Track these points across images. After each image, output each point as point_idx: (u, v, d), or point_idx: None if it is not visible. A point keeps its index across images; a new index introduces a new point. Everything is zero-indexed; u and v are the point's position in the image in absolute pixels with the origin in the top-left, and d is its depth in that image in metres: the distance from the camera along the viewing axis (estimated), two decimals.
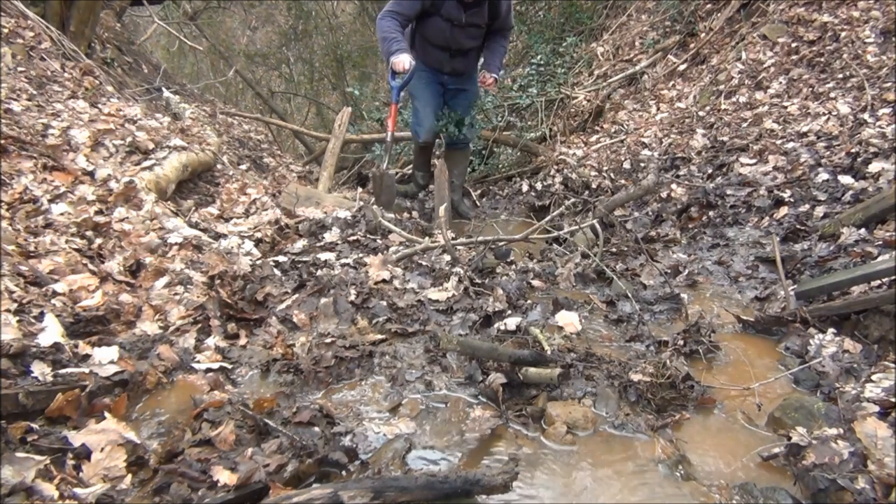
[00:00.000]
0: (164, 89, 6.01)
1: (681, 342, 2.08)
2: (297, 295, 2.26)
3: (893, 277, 2.10)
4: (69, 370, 1.61)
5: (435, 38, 4.08)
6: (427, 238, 3.00)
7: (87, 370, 1.62)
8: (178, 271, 2.26)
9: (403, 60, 3.81)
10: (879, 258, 2.35)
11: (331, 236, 2.92)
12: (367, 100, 9.09)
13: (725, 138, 4.53)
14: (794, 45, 5.24)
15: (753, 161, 3.97)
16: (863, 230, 2.64)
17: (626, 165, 4.94)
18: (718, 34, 6.30)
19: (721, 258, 2.89)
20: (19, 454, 1.26)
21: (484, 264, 2.71)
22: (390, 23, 3.88)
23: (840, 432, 1.51)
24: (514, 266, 2.84)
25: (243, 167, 5.19)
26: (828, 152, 3.66)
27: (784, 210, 3.19)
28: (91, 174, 2.79)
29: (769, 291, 2.51)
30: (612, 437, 1.66)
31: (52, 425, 1.45)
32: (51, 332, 1.72)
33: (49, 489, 1.21)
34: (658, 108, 6.03)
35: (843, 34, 4.91)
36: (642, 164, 4.79)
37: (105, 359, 1.70)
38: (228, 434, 1.47)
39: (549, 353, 1.87)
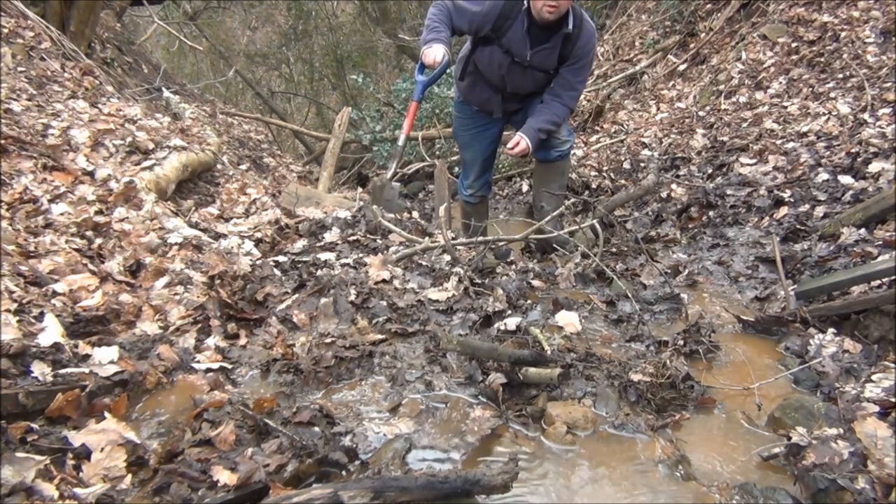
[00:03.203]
0: (164, 89, 6.02)
1: (681, 342, 2.08)
2: (297, 295, 2.26)
3: (893, 277, 2.10)
4: (69, 370, 1.61)
5: (488, 73, 3.24)
6: (427, 238, 3.00)
7: (87, 370, 1.62)
8: (178, 271, 2.26)
9: (436, 53, 3.04)
10: (879, 258, 2.35)
11: (331, 236, 2.92)
12: (368, 95, 9.04)
13: (725, 138, 4.54)
14: (794, 45, 5.24)
15: (753, 161, 3.97)
16: (863, 230, 2.64)
17: (626, 165, 4.94)
18: (718, 34, 6.30)
19: (721, 258, 2.89)
20: (19, 454, 1.25)
21: (484, 264, 2.71)
22: (437, 11, 3.14)
23: (840, 432, 1.51)
24: (514, 266, 2.84)
25: (243, 167, 5.19)
26: (828, 152, 3.66)
27: (784, 210, 3.19)
28: (91, 174, 2.79)
29: (769, 291, 2.51)
30: (612, 437, 1.66)
31: (52, 425, 1.45)
32: (51, 332, 1.72)
33: (49, 489, 1.21)
34: (658, 108, 6.04)
35: (843, 34, 4.91)
36: (642, 164, 4.79)
37: (105, 359, 1.70)
38: (228, 434, 1.47)
39: (549, 353, 1.87)
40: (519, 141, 3.14)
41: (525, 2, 2.97)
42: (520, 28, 3.02)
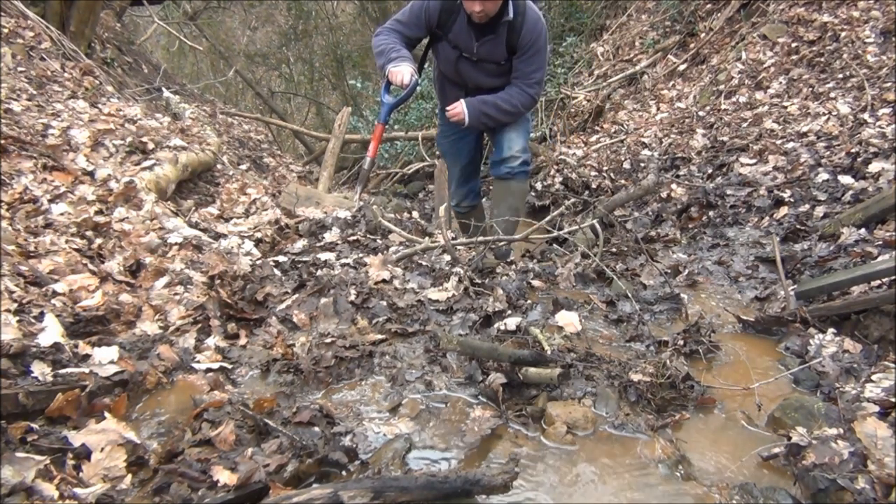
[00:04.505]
0: (164, 89, 6.01)
1: (681, 342, 2.08)
2: (297, 295, 2.26)
3: (893, 277, 2.10)
4: (69, 370, 1.61)
5: (445, 70, 3.29)
6: (427, 238, 3.00)
7: (87, 370, 1.62)
8: (178, 271, 2.26)
9: (403, 72, 2.98)
10: (879, 258, 2.35)
11: (331, 236, 2.92)
12: (368, 96, 9.05)
13: (725, 138, 4.54)
14: (794, 45, 5.25)
15: (753, 161, 3.98)
16: (863, 230, 2.64)
17: (626, 165, 4.95)
18: (718, 34, 6.30)
19: (721, 258, 2.89)
20: (19, 454, 1.25)
21: (484, 264, 2.71)
22: (387, 36, 3.13)
23: (840, 432, 1.51)
24: (514, 266, 2.84)
25: (243, 167, 5.19)
26: (828, 152, 3.66)
27: (784, 210, 3.19)
28: (91, 174, 2.79)
29: (769, 291, 2.51)
30: (612, 437, 1.66)
31: (52, 425, 1.45)
32: (51, 332, 1.72)
33: (49, 489, 1.21)
34: (658, 108, 6.04)
35: (843, 34, 4.92)
36: (642, 164, 4.79)
37: (105, 359, 1.70)
38: (228, 434, 1.47)
39: (549, 353, 1.87)
40: (456, 105, 3.14)
41: None
42: (462, 22, 2.99)
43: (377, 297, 2.27)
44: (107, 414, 1.49)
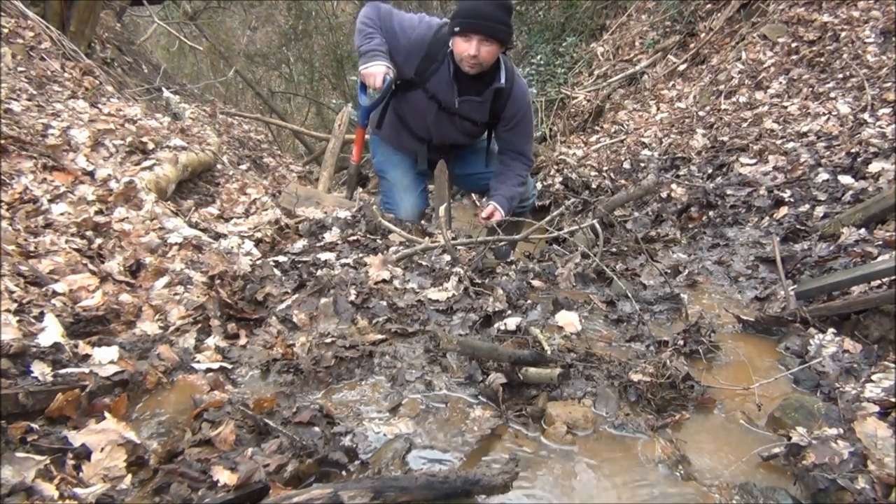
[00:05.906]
0: (164, 89, 6.01)
1: (681, 342, 2.08)
2: (297, 295, 2.26)
3: (893, 277, 2.10)
4: (69, 370, 1.61)
5: (412, 122, 2.98)
6: (427, 238, 3.00)
7: (87, 370, 1.62)
8: (178, 271, 2.26)
9: (376, 74, 2.79)
10: (879, 258, 2.35)
11: (331, 236, 2.92)
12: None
13: (725, 138, 4.54)
14: (794, 45, 5.25)
15: (753, 161, 3.98)
16: (863, 230, 2.64)
17: (626, 165, 4.95)
18: (718, 34, 6.30)
19: (721, 258, 2.89)
20: (19, 454, 1.25)
21: (484, 264, 2.71)
22: (373, 16, 2.86)
23: (840, 432, 1.51)
24: (514, 266, 2.84)
25: (243, 167, 5.19)
26: (828, 152, 3.66)
27: (784, 210, 3.19)
28: (91, 174, 2.79)
29: (769, 291, 2.51)
30: (612, 437, 1.66)
31: (52, 425, 1.45)
32: (51, 332, 1.72)
33: (49, 489, 1.21)
34: (658, 108, 6.04)
35: (843, 34, 4.91)
36: (642, 164, 4.79)
37: (105, 359, 1.69)
38: (228, 434, 1.47)
39: (549, 353, 1.87)
40: (493, 211, 3.07)
41: (449, 44, 2.73)
42: (446, 73, 2.76)
43: (377, 297, 2.27)
44: (107, 414, 1.48)
